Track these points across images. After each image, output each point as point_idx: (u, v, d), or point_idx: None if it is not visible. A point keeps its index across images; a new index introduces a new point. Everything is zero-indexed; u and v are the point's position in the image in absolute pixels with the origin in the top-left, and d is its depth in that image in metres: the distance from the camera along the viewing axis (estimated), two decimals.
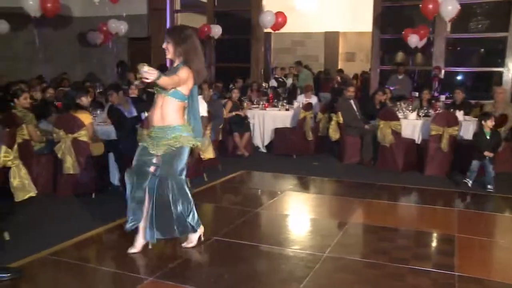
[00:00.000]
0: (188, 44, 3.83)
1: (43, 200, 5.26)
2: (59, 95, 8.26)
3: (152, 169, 3.87)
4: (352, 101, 8.20)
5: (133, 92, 7.25)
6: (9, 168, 4.03)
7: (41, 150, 5.81)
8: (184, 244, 4.15)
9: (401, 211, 5.83)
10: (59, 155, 5.56)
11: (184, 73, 3.75)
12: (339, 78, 13.63)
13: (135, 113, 6.40)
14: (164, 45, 3.88)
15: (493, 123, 6.33)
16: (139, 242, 4.00)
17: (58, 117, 5.91)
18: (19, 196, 4.13)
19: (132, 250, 3.98)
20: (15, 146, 4.07)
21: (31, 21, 10.82)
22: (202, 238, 4.22)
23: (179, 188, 3.91)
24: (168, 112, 3.80)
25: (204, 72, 3.95)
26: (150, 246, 4.01)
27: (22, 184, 4.15)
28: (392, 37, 11.85)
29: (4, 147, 3.88)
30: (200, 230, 4.17)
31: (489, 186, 6.21)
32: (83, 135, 5.59)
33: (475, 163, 6.34)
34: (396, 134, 7.28)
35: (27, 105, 5.88)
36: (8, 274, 3.47)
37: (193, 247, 4.14)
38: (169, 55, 3.88)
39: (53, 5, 10.14)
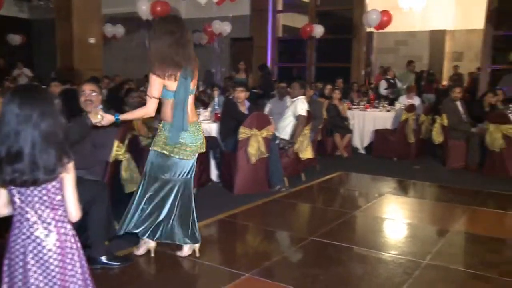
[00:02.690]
0: (155, 40, 3.56)
1: None
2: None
3: None
4: (458, 103, 7.81)
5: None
6: (120, 161, 4.27)
7: (148, 145, 6.11)
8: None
9: (511, 221, 5.45)
10: None
11: (150, 82, 3.55)
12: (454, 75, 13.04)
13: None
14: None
15: None
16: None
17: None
18: (129, 188, 4.35)
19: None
20: (126, 141, 4.29)
21: (143, 24, 11.46)
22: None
23: None
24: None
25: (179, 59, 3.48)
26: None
27: (131, 176, 4.37)
28: (508, 33, 11.07)
29: (116, 142, 4.11)
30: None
31: None
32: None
33: None
34: (508, 138, 6.83)
35: (136, 104, 6.23)
36: (118, 262, 3.69)
37: (288, 245, 4.13)
38: None
39: (163, 8, 10.68)
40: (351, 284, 3.53)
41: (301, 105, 6.49)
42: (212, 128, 6.33)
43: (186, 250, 3.84)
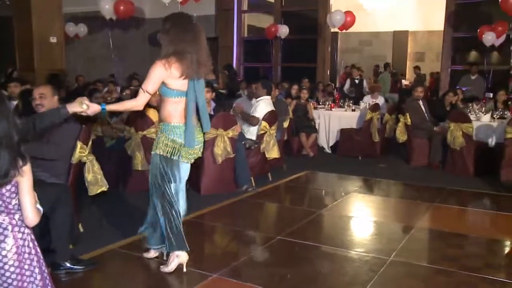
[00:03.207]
0: (170, 33, 3.43)
1: (113, 195, 5.41)
2: (131, 94, 8.54)
3: None
4: (421, 102, 7.97)
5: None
6: (84, 163, 4.20)
7: (112, 146, 6.03)
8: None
9: (472, 217, 5.60)
10: (128, 152, 5.75)
11: (150, 75, 3.37)
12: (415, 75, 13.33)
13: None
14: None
15: None
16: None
17: (129, 115, 6.10)
18: (92, 190, 4.28)
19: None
20: (90, 143, 4.23)
21: (107, 24, 11.28)
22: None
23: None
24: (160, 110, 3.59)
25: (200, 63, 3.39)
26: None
27: (95, 178, 4.30)
28: (466, 35, 11.37)
29: (79, 143, 4.04)
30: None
31: None
32: (152, 133, 5.73)
33: None
34: (467, 137, 6.99)
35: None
36: (82, 266, 3.61)
37: (256, 245, 4.14)
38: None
39: (126, 7, 10.54)
40: (319, 283, 3.56)
41: (261, 106, 6.52)
42: None
43: (152, 253, 3.83)
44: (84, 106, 3.26)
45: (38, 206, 2.14)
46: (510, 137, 6.48)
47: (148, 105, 5.85)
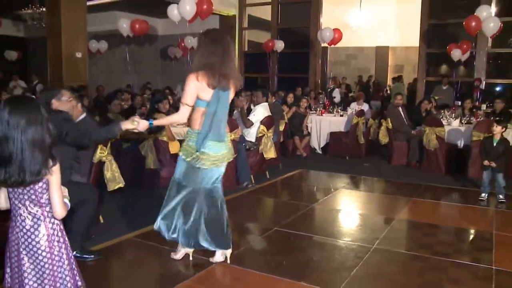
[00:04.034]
0: (201, 47, 3.30)
1: (129, 191, 5.35)
2: (144, 102, 8.53)
3: None
4: (400, 108, 7.96)
5: None
6: (104, 162, 4.19)
7: (128, 148, 6.02)
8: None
9: (444, 209, 5.59)
10: (142, 152, 5.73)
11: (186, 88, 3.24)
12: (390, 86, 13.34)
13: None
14: None
15: (503, 130, 5.46)
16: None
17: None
18: (111, 186, 4.28)
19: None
20: (109, 144, 4.22)
21: (124, 40, 11.32)
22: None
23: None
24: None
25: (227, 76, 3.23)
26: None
27: (113, 176, 4.30)
28: (437, 51, 11.41)
29: (100, 145, 4.04)
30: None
31: (500, 196, 5.40)
32: (162, 135, 5.73)
33: (484, 175, 5.47)
34: (440, 139, 6.98)
35: (118, 110, 6.14)
36: (92, 256, 3.58)
37: (255, 235, 4.12)
38: None
39: (141, 25, 10.55)
40: (311, 268, 3.54)
41: (258, 111, 6.52)
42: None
43: (218, 256, 3.55)
44: (135, 123, 3.20)
45: (66, 200, 2.17)
46: (476, 140, 6.48)
47: (158, 112, 5.89)
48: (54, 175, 2.07)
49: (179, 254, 3.59)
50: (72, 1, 8.91)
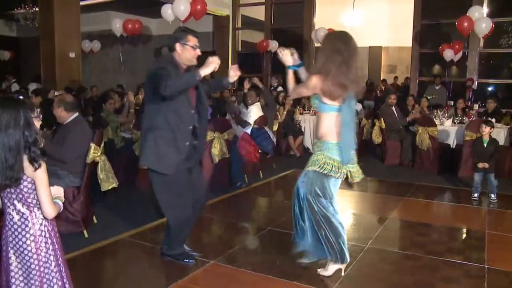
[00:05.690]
0: (322, 50, 3.19)
1: (123, 191, 5.33)
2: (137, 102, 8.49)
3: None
4: (393, 108, 7.98)
5: None
6: (97, 162, 4.18)
7: (122, 148, 6.00)
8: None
9: (436, 208, 5.61)
10: (136, 153, 5.71)
11: (309, 80, 3.18)
12: (383, 87, 13.36)
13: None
14: None
15: (491, 130, 5.52)
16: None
17: (135, 120, 6.08)
18: (105, 187, 4.26)
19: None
20: (102, 144, 4.21)
21: (118, 40, 11.29)
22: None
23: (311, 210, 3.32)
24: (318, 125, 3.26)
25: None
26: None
27: (107, 176, 4.28)
28: (430, 51, 11.48)
29: (93, 145, 4.02)
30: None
31: (492, 196, 5.40)
32: None
33: (476, 176, 5.48)
34: (433, 139, 7.02)
35: (112, 109, 6.17)
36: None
37: (249, 235, 4.12)
38: None
39: (134, 25, 10.52)
40: (304, 267, 3.54)
41: (253, 112, 6.54)
42: None
43: (330, 268, 3.37)
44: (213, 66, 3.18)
45: (58, 201, 2.16)
46: (468, 139, 6.52)
47: None
48: (39, 176, 2.04)
49: (330, 271, 3.39)
50: (65, 0, 8.88)
